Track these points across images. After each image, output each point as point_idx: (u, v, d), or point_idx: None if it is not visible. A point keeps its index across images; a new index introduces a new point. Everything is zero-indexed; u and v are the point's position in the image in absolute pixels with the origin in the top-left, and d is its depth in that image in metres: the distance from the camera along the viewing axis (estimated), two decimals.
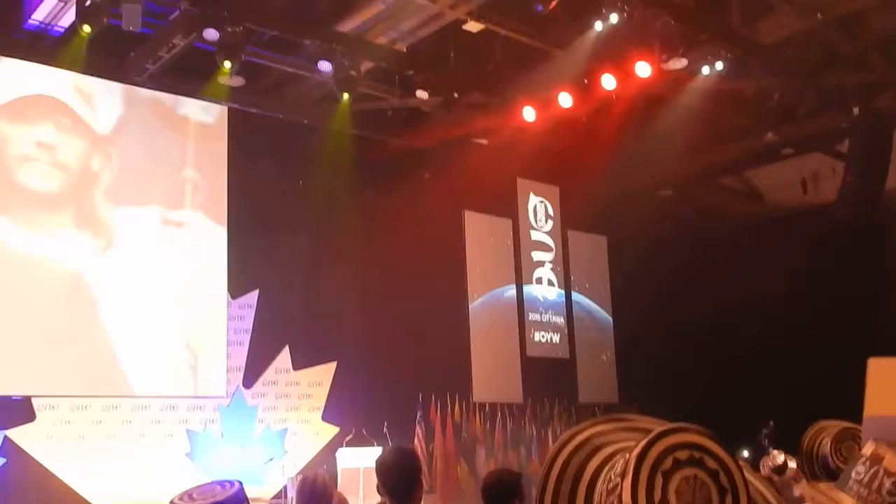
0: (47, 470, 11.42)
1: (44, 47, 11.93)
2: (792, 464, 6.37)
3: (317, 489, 5.15)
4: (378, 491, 3.59)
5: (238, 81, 12.92)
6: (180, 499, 2.07)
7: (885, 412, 1.50)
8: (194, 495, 2.07)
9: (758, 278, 15.56)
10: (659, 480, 1.09)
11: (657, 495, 1.08)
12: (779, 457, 6.55)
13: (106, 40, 11.66)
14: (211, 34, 11.16)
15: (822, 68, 13.27)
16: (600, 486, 1.19)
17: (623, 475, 1.11)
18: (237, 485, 2.11)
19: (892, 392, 1.51)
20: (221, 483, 2.12)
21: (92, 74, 12.26)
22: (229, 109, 13.45)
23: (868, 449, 1.47)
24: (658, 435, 1.12)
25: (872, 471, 1.45)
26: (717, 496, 1.08)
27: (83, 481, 11.64)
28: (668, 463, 1.10)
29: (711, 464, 1.11)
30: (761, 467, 6.44)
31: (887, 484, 1.42)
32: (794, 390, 12.69)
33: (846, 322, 14.17)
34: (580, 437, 1.26)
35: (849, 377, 1.65)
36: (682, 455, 1.11)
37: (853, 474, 1.48)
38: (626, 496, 1.09)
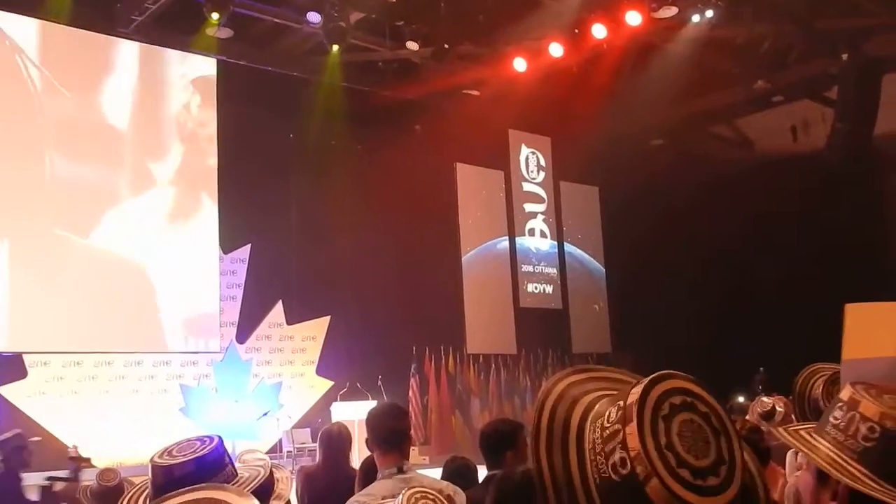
0: (40, 426, 11.42)
1: None
2: (780, 408, 6.43)
3: (343, 438, 5.36)
4: (367, 445, 3.62)
5: (226, 33, 12.77)
6: (160, 456, 2.06)
7: (862, 355, 1.53)
8: (174, 452, 2.06)
9: (750, 226, 15.59)
10: (661, 425, 1.13)
11: (662, 439, 1.12)
12: (767, 403, 6.62)
13: None
14: None
15: (812, 14, 13.17)
16: (590, 436, 1.21)
17: (624, 421, 1.14)
18: (216, 439, 2.10)
19: (868, 335, 1.54)
20: (201, 438, 2.11)
21: (77, 26, 12.08)
22: (218, 62, 13.31)
23: (846, 394, 1.50)
24: (651, 382, 1.15)
25: (849, 416, 1.47)
26: (713, 438, 1.13)
27: (76, 437, 11.64)
28: (665, 408, 1.14)
29: (703, 407, 1.15)
30: (750, 412, 6.50)
31: (863, 429, 1.44)
32: (788, 335, 12.76)
33: (839, 265, 14.24)
34: (558, 389, 1.28)
35: (842, 321, 1.65)
36: (677, 400, 1.15)
37: (831, 419, 1.50)
38: (634, 441, 1.12)
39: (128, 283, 12.27)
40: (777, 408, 6.44)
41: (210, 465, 2.02)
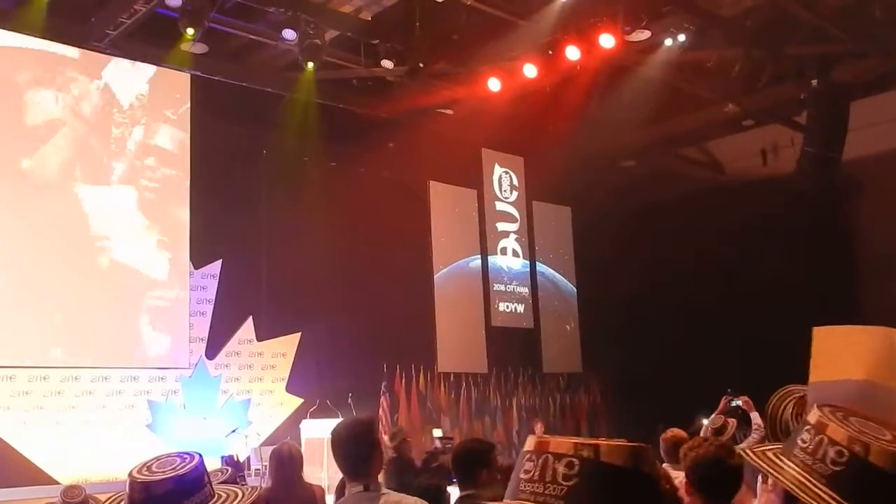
0: (4, 442, 11.27)
1: (1, 11, 11.66)
2: (730, 427, 6.63)
3: (294, 457, 5.34)
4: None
5: (201, 48, 12.74)
6: (139, 471, 2.02)
7: (828, 377, 1.56)
8: (153, 468, 2.02)
9: (720, 248, 15.72)
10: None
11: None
12: (718, 419, 6.84)
13: (66, 4, 11.47)
14: (174, 0, 10.99)
15: (782, 39, 13.36)
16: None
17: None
18: (197, 458, 2.05)
19: (834, 358, 1.57)
20: (181, 455, 2.07)
21: (51, 39, 12.02)
22: (192, 77, 13.27)
23: (813, 417, 1.51)
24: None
25: (817, 439, 1.49)
26: None
27: (41, 453, 11.51)
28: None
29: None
30: (704, 430, 6.72)
31: (831, 453, 1.46)
32: (760, 356, 12.86)
33: (808, 287, 14.41)
34: None
35: (808, 342, 1.68)
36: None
37: (798, 442, 1.52)
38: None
39: (96, 298, 12.16)
40: (727, 424, 6.66)
41: (189, 485, 1.99)
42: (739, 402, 7.33)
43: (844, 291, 15.12)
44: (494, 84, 13.96)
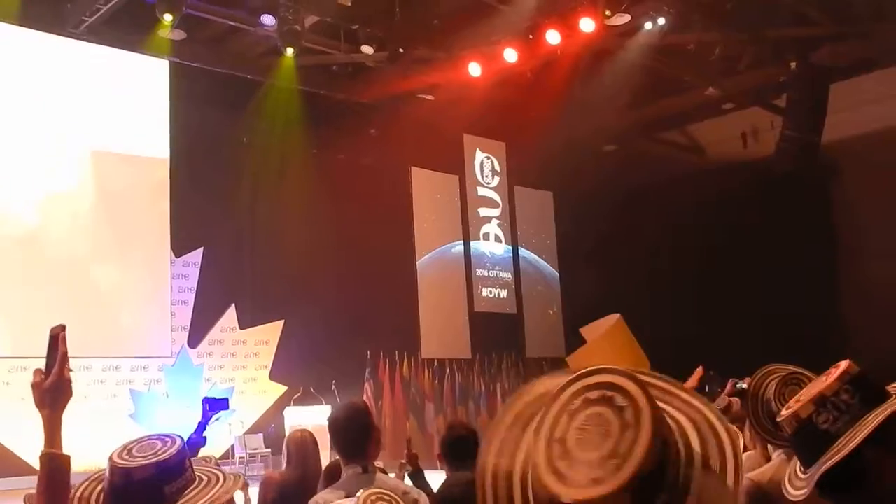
0: None
1: None
2: (735, 407, 6.72)
3: (315, 444, 5.39)
4: (333, 448, 3.58)
5: (179, 35, 12.63)
6: (119, 455, 1.99)
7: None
8: (134, 451, 1.99)
9: (702, 231, 15.77)
10: (564, 419, 1.12)
11: (558, 432, 1.12)
12: (723, 401, 6.91)
13: None
14: None
15: (762, 23, 13.39)
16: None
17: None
18: (178, 440, 2.02)
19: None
20: (162, 437, 2.03)
21: (26, 26, 11.88)
22: (171, 63, 13.16)
23: None
24: (575, 378, 1.15)
25: None
26: (619, 432, 1.10)
27: (22, 443, 11.40)
28: (577, 403, 1.13)
29: (621, 402, 1.12)
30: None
31: None
32: (743, 338, 12.93)
33: (790, 269, 14.49)
34: (536, 390, 1.27)
35: (792, 325, 1.67)
36: (594, 395, 1.13)
37: None
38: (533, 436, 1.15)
39: (76, 287, 12.07)
40: (731, 404, 6.74)
41: (170, 470, 1.96)
42: (744, 385, 7.38)
43: (825, 272, 15.23)
44: (475, 69, 13.92)
